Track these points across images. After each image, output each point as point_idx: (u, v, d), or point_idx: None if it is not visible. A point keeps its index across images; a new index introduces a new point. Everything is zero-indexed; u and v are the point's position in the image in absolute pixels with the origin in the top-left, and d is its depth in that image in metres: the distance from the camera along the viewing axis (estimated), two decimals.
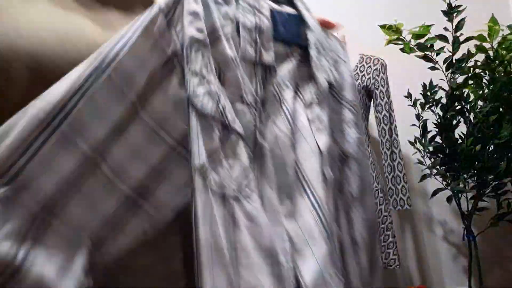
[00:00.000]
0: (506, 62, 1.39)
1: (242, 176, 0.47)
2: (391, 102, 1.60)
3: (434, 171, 1.57)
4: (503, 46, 1.39)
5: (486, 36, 1.39)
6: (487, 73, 1.43)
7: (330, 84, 0.61)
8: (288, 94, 0.57)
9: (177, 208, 0.48)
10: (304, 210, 0.51)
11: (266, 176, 0.50)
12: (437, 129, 1.58)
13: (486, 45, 1.42)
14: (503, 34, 1.41)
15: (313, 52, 0.59)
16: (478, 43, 1.42)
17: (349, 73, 0.67)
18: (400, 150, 1.57)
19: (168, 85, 0.47)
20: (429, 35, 1.47)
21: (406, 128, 1.71)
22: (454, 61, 1.49)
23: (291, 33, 0.59)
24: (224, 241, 0.43)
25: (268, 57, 0.54)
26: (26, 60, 0.44)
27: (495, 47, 1.40)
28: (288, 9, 0.61)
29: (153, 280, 0.48)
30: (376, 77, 1.60)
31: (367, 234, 0.60)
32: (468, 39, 1.43)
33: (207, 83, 0.47)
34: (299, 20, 0.61)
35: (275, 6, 0.58)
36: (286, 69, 0.58)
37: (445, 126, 1.54)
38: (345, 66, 0.66)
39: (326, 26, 0.68)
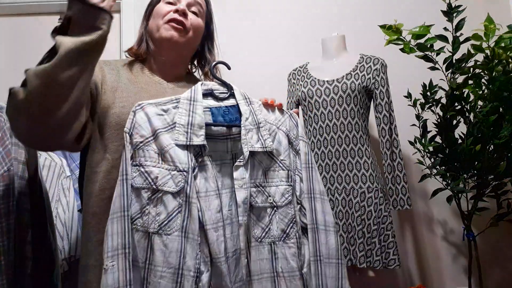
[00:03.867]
0: (504, 61, 1.39)
1: (166, 219, 0.77)
2: (391, 102, 1.60)
3: (434, 171, 1.57)
4: (500, 45, 1.39)
5: (483, 35, 1.39)
6: (486, 73, 1.43)
7: (270, 152, 0.89)
8: (222, 163, 0.85)
9: None
10: (219, 239, 0.79)
11: (192, 217, 0.78)
12: (437, 129, 1.58)
13: (485, 45, 1.42)
14: (501, 34, 1.41)
15: (242, 132, 0.86)
16: (476, 43, 1.42)
17: (284, 137, 0.93)
18: (400, 150, 1.57)
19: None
20: (429, 35, 1.47)
21: (406, 128, 1.72)
22: (454, 61, 1.49)
23: (229, 119, 0.88)
24: (141, 257, 0.76)
25: (198, 139, 0.81)
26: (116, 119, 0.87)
27: (491, 46, 1.41)
28: (230, 102, 0.90)
29: None
30: (376, 77, 1.60)
31: (286, 266, 0.85)
32: (468, 39, 1.43)
33: (142, 167, 0.79)
34: (238, 109, 0.89)
35: (215, 104, 0.88)
36: (225, 145, 0.87)
37: (445, 126, 1.54)
38: (281, 133, 0.93)
39: (269, 105, 0.94)
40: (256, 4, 2.13)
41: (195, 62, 1.11)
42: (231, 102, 0.90)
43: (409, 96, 1.61)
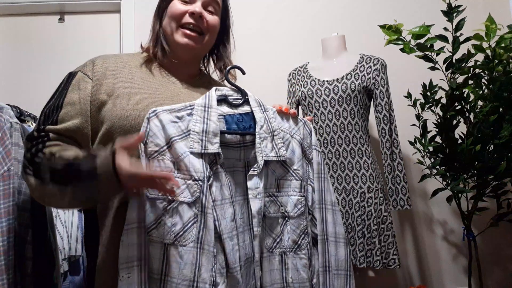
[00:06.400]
0: (504, 61, 1.39)
1: (181, 229, 0.75)
2: (391, 102, 1.60)
3: (434, 171, 1.57)
4: (501, 45, 1.39)
5: (484, 35, 1.39)
6: (487, 73, 1.43)
7: (283, 161, 0.88)
8: (234, 170, 0.84)
9: None
10: (234, 248, 0.79)
11: (207, 228, 0.76)
12: (437, 129, 1.58)
13: (485, 45, 1.42)
14: (502, 34, 1.41)
15: (256, 140, 0.85)
16: (477, 43, 1.42)
17: (298, 146, 0.91)
18: (400, 150, 1.57)
19: None
20: (429, 35, 1.47)
21: (406, 128, 1.72)
22: (454, 61, 1.49)
23: (243, 127, 0.86)
24: (157, 269, 0.75)
25: (213, 147, 0.79)
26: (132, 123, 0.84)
27: (492, 46, 1.41)
28: (244, 109, 0.88)
29: None
30: (376, 77, 1.60)
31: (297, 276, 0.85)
32: (468, 39, 1.43)
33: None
34: (252, 116, 0.87)
35: (229, 111, 0.86)
36: (238, 153, 0.85)
37: (445, 126, 1.54)
38: (295, 141, 0.91)
39: (283, 112, 0.92)
40: (256, 4, 2.13)
41: (209, 57, 1.08)
42: (245, 109, 0.88)
43: (409, 96, 1.61)
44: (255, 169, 0.83)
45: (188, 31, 0.92)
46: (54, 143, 0.82)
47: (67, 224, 1.53)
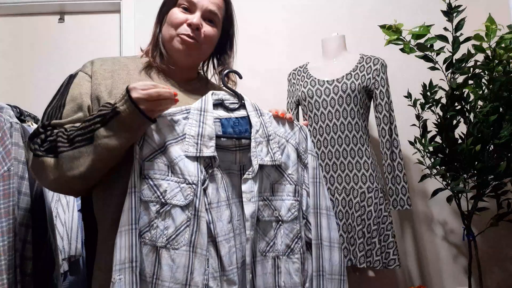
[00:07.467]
0: (504, 61, 1.39)
1: (173, 233, 0.76)
2: (391, 102, 1.60)
3: (434, 171, 1.57)
4: (501, 45, 1.39)
5: (484, 36, 1.39)
6: (487, 73, 1.44)
7: (278, 165, 0.88)
8: (230, 173, 0.85)
9: None
10: (231, 250, 0.79)
11: (200, 231, 0.76)
12: (437, 129, 1.58)
13: (486, 45, 1.42)
14: (502, 34, 1.41)
15: (252, 144, 0.85)
16: (477, 43, 1.42)
17: (293, 150, 0.92)
18: (400, 150, 1.57)
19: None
20: (429, 35, 1.47)
21: (406, 128, 1.72)
22: (454, 61, 1.49)
23: (239, 131, 0.87)
24: (149, 272, 0.75)
25: (208, 151, 0.80)
26: None
27: (493, 46, 1.41)
28: (240, 113, 0.89)
29: None
30: (376, 77, 1.60)
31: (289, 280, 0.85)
32: (468, 39, 1.43)
33: (151, 180, 0.77)
34: (248, 120, 0.88)
35: (225, 115, 0.87)
36: (234, 156, 0.86)
37: (445, 126, 1.54)
38: (290, 146, 0.92)
39: (279, 117, 0.93)
40: (256, 4, 2.13)
41: (211, 61, 1.09)
42: (241, 113, 0.89)
43: (409, 96, 1.61)
44: (250, 173, 0.84)
45: (186, 37, 0.93)
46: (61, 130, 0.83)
47: (67, 224, 1.53)
